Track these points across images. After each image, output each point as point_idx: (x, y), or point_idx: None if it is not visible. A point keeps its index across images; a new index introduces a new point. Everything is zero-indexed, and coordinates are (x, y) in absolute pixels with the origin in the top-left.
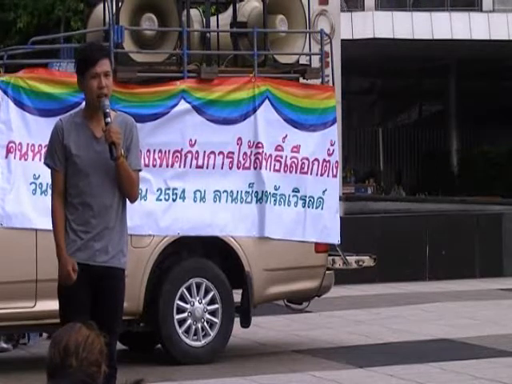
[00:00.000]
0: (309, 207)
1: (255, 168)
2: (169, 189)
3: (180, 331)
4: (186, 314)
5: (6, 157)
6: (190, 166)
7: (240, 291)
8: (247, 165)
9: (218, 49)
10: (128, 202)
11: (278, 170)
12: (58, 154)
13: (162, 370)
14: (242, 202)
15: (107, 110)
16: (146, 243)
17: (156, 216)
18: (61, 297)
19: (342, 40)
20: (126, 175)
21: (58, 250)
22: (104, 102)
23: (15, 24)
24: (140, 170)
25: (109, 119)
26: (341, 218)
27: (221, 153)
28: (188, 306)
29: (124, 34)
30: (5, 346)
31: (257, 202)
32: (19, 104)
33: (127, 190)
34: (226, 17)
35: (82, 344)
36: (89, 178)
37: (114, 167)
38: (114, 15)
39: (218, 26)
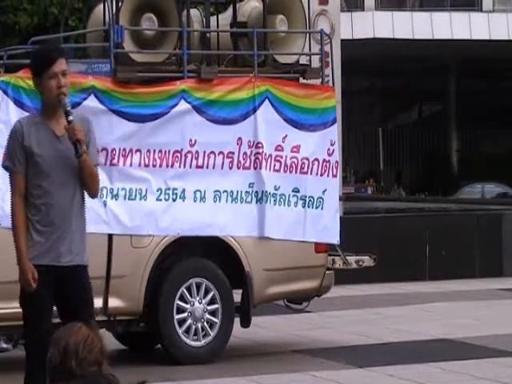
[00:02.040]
0: (309, 207)
1: (255, 168)
2: (169, 189)
3: (180, 331)
4: (185, 314)
5: None
6: (190, 166)
7: (240, 291)
8: (247, 165)
9: (218, 49)
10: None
11: (278, 170)
12: (18, 156)
13: (162, 370)
14: (242, 202)
15: (68, 109)
16: (146, 243)
17: (156, 216)
18: (25, 300)
19: (342, 40)
20: (89, 171)
21: (18, 254)
22: (65, 100)
23: (15, 26)
24: (97, 165)
25: (71, 117)
26: (341, 218)
27: (221, 153)
28: (188, 306)
29: (124, 33)
30: (5, 346)
31: (257, 202)
32: (19, 104)
33: (90, 185)
34: (226, 17)
35: (82, 344)
36: (51, 178)
37: (74, 165)
38: (114, 15)
39: (218, 26)
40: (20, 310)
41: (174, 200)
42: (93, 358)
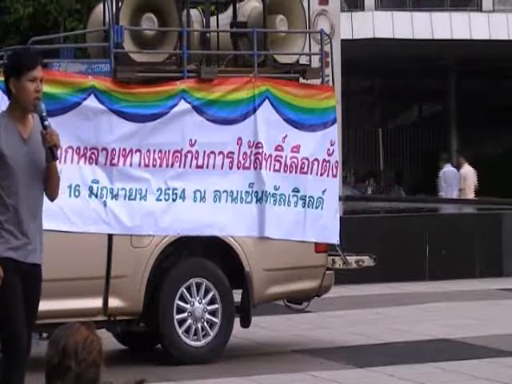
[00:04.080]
0: (309, 207)
1: (255, 168)
2: (169, 189)
3: (180, 331)
4: (185, 314)
5: None
6: (190, 166)
7: (240, 291)
8: (247, 165)
9: (218, 49)
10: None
11: (278, 170)
12: None
13: (162, 370)
14: (241, 202)
15: (44, 114)
16: (146, 243)
17: (156, 216)
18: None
19: (342, 40)
20: (57, 175)
21: None
22: (41, 105)
23: (15, 26)
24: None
25: (47, 122)
26: (341, 218)
27: (221, 153)
28: (188, 306)
29: (124, 33)
30: None
31: (257, 202)
32: None
33: (54, 188)
34: (225, 17)
35: (81, 345)
36: (20, 180)
37: (41, 168)
38: (114, 15)
39: (217, 26)
40: None
41: (173, 200)
42: (92, 359)
